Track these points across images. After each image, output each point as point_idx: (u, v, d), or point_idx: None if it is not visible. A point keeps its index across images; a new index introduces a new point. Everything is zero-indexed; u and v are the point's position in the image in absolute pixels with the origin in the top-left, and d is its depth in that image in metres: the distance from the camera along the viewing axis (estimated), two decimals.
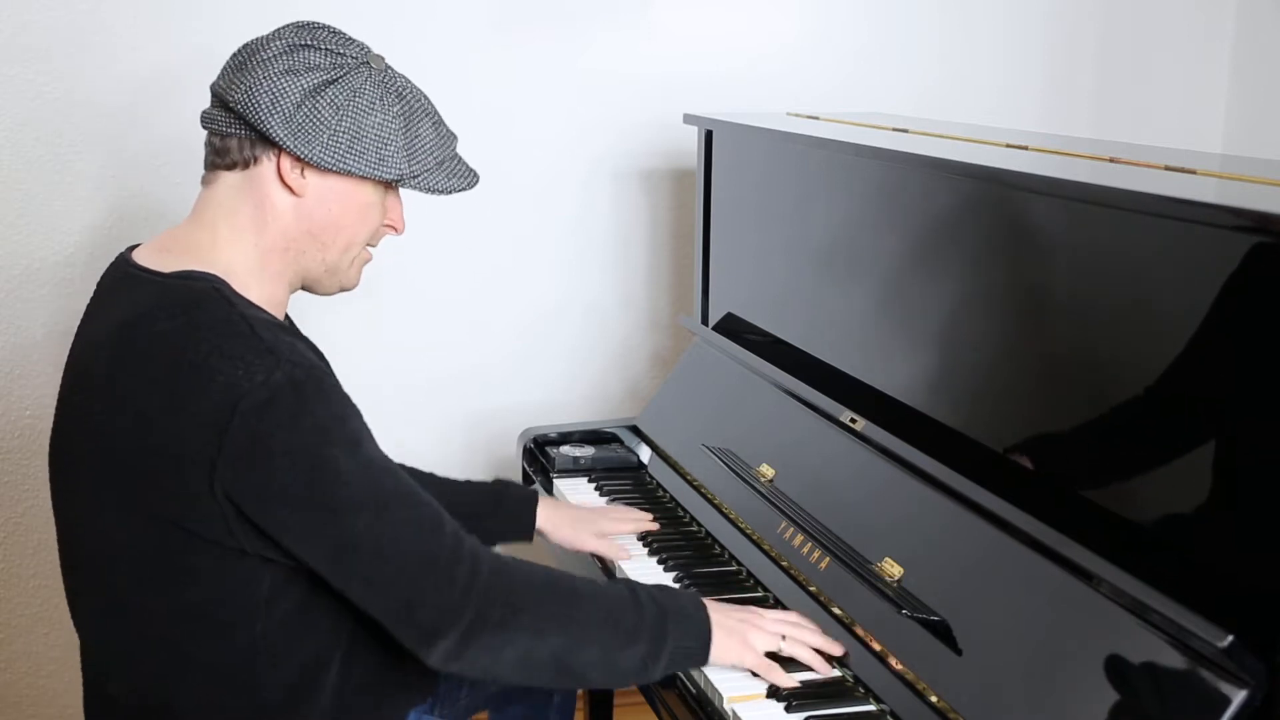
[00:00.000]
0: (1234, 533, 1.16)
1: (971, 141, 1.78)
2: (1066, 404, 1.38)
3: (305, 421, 1.24)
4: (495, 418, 2.57)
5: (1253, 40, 2.77)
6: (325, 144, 1.32)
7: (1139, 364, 1.27)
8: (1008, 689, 1.26)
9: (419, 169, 1.38)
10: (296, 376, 1.25)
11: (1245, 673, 1.08)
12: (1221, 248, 1.15)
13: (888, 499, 1.57)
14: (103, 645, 1.39)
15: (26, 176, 2.26)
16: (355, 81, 1.34)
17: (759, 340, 2.07)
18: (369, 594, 1.29)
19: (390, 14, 2.37)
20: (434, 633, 1.29)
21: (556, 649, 1.34)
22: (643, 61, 2.53)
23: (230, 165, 1.35)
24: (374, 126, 1.34)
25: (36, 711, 2.44)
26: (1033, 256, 1.44)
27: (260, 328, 1.28)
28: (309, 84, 1.31)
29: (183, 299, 1.29)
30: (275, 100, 1.30)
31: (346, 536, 1.26)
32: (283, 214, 1.36)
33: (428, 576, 1.29)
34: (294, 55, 1.32)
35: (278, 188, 1.35)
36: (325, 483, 1.25)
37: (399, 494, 1.30)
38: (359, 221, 1.40)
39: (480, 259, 2.53)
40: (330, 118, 1.32)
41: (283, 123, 1.30)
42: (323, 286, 1.44)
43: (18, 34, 2.21)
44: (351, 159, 1.33)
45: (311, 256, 1.39)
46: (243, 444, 1.22)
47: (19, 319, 2.30)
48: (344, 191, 1.37)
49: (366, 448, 1.30)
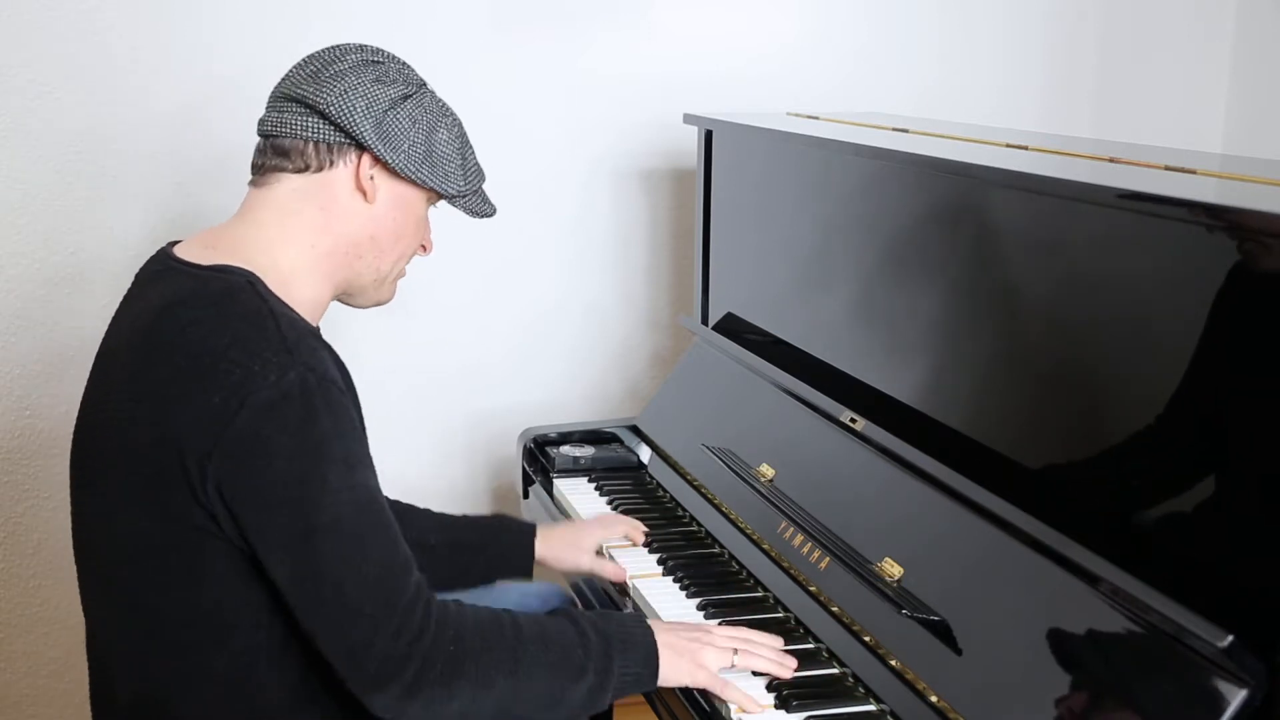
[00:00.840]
0: (1234, 533, 1.16)
1: (971, 141, 1.78)
2: (1066, 404, 1.38)
3: (307, 429, 1.24)
4: (495, 418, 2.57)
5: (1253, 40, 2.77)
6: (406, 152, 1.38)
7: (1139, 364, 1.28)
8: (1008, 689, 1.26)
9: (468, 190, 1.46)
10: (309, 382, 1.25)
11: (1245, 673, 1.08)
12: (1221, 248, 1.15)
13: (888, 499, 1.57)
14: (110, 642, 1.39)
15: (34, 187, 2.26)
16: (424, 99, 1.41)
17: (759, 340, 2.07)
18: (320, 626, 1.26)
19: (391, 15, 2.37)
20: (378, 680, 1.26)
21: (502, 695, 1.31)
22: (643, 61, 2.53)
23: (300, 169, 1.38)
24: (441, 143, 1.41)
25: (36, 711, 2.43)
26: (1032, 256, 1.44)
27: (286, 326, 1.28)
28: (394, 95, 1.38)
29: (216, 291, 1.30)
30: (370, 105, 1.35)
31: (314, 559, 1.25)
32: (350, 218, 1.40)
33: (383, 621, 1.26)
34: (375, 68, 1.38)
35: (349, 191, 1.39)
36: (309, 497, 1.24)
37: (376, 528, 1.28)
38: (414, 233, 1.46)
39: (480, 259, 2.53)
40: (409, 129, 1.38)
41: (374, 127, 1.35)
42: (365, 297, 1.49)
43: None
44: (426, 170, 1.40)
45: (367, 263, 1.43)
46: (242, 439, 1.23)
47: (19, 320, 2.30)
48: (407, 201, 1.43)
49: (360, 473, 1.28)
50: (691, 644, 1.42)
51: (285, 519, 1.24)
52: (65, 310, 2.30)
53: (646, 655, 1.39)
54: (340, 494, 1.25)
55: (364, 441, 1.32)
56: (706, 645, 1.42)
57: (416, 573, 1.31)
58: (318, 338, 1.34)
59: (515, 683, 1.32)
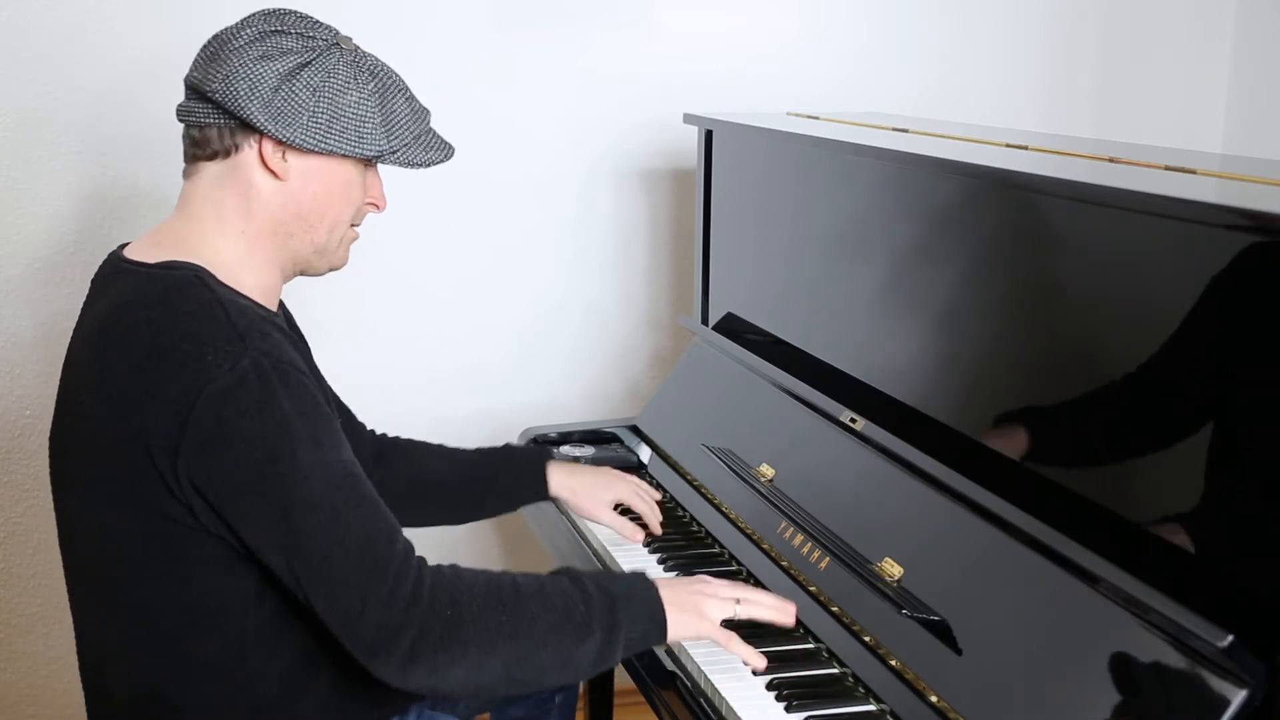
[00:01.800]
0: (1234, 533, 1.16)
1: (971, 141, 1.78)
2: (1066, 404, 1.38)
3: (269, 411, 1.24)
4: (495, 417, 2.57)
5: (1253, 40, 2.77)
6: (305, 126, 1.33)
7: (1139, 364, 1.28)
8: (1008, 689, 1.26)
9: (397, 144, 1.40)
10: (263, 365, 1.25)
11: (1245, 673, 1.08)
12: (1221, 248, 1.15)
13: (888, 499, 1.57)
14: (100, 638, 1.39)
15: (13, 171, 2.26)
16: (328, 63, 1.35)
17: (759, 340, 2.07)
18: (316, 599, 1.27)
19: (391, 15, 2.37)
20: (375, 648, 1.27)
21: (507, 658, 1.30)
22: (643, 61, 2.53)
23: (211, 155, 1.36)
24: (351, 105, 1.35)
25: (36, 711, 2.44)
26: (1033, 257, 1.44)
27: (236, 314, 1.28)
28: (284, 68, 1.32)
29: (164, 287, 1.30)
30: (253, 86, 1.31)
31: (296, 536, 1.25)
32: (268, 199, 1.37)
33: (372, 589, 1.26)
34: (266, 41, 1.33)
35: (260, 173, 1.36)
36: (281, 475, 1.24)
37: (354, 501, 1.28)
38: (343, 200, 1.41)
39: (480, 258, 2.53)
40: (308, 100, 1.33)
41: (262, 108, 1.31)
42: (314, 268, 1.46)
43: (14, 32, 2.20)
44: (331, 139, 1.35)
45: (300, 239, 1.40)
46: (205, 429, 1.23)
47: (15, 317, 2.30)
48: (326, 171, 1.38)
49: (329, 449, 1.28)
50: (694, 596, 1.42)
51: (261, 499, 1.25)
52: (65, 311, 2.30)
53: (652, 611, 1.38)
54: (313, 469, 1.25)
55: (331, 419, 1.31)
56: (709, 597, 1.42)
57: (403, 540, 1.31)
58: (271, 323, 1.33)
59: (519, 644, 1.30)
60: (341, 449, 1.31)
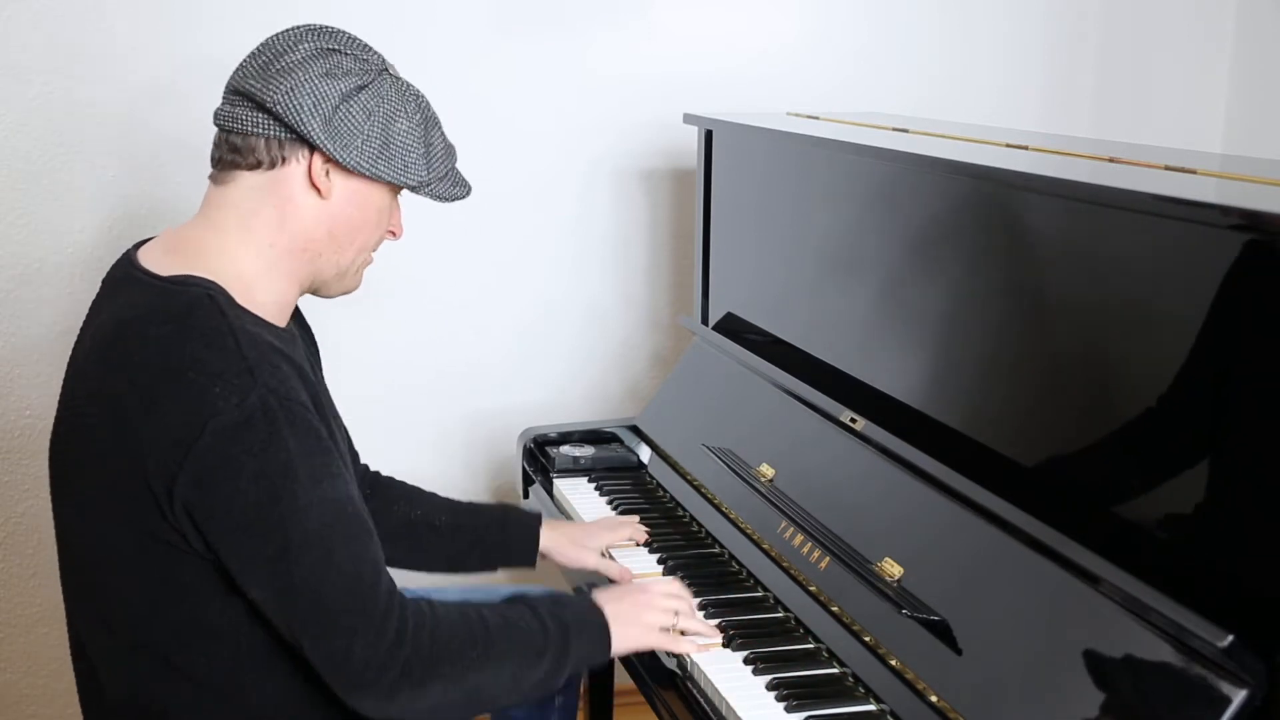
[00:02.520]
0: (1234, 533, 1.15)
1: (971, 141, 1.78)
2: (1066, 404, 1.38)
3: (273, 451, 1.23)
4: (495, 418, 2.57)
5: (1253, 40, 2.77)
6: (360, 148, 1.33)
7: (1138, 364, 1.28)
8: (1008, 689, 1.26)
9: (433, 177, 1.40)
10: (270, 404, 1.24)
11: (1245, 673, 1.08)
12: (1221, 247, 1.15)
13: (888, 499, 1.57)
14: (92, 647, 1.38)
15: (27, 177, 2.26)
16: (382, 88, 1.35)
17: (759, 340, 2.07)
18: (303, 636, 1.28)
19: (391, 15, 2.37)
20: (358, 686, 1.29)
21: (471, 688, 1.35)
22: (643, 61, 2.53)
23: (254, 165, 1.34)
24: (400, 133, 1.36)
25: (36, 711, 2.44)
26: (1032, 256, 1.44)
27: (247, 344, 1.26)
28: (345, 88, 1.32)
29: (176, 305, 1.28)
30: (318, 102, 1.31)
31: (289, 576, 1.25)
32: (305, 215, 1.36)
33: (360, 630, 1.28)
34: (328, 59, 1.33)
35: (303, 189, 1.35)
36: (280, 516, 1.24)
37: (348, 539, 1.28)
38: (374, 225, 1.42)
39: (481, 259, 2.53)
40: (363, 123, 1.33)
41: (323, 125, 1.31)
42: (330, 289, 1.46)
43: (19, 36, 2.21)
44: (381, 164, 1.35)
45: (327, 259, 1.40)
46: (207, 463, 1.22)
47: (19, 319, 2.30)
48: (365, 195, 1.39)
49: (327, 485, 1.28)
50: (636, 609, 1.49)
51: (258, 539, 1.24)
52: (67, 312, 2.30)
53: (600, 636, 1.45)
54: (310, 509, 1.25)
55: (331, 452, 1.30)
56: (648, 608, 1.50)
57: (386, 576, 1.32)
58: (281, 353, 1.31)
59: (485, 675, 1.36)
60: (339, 483, 1.30)
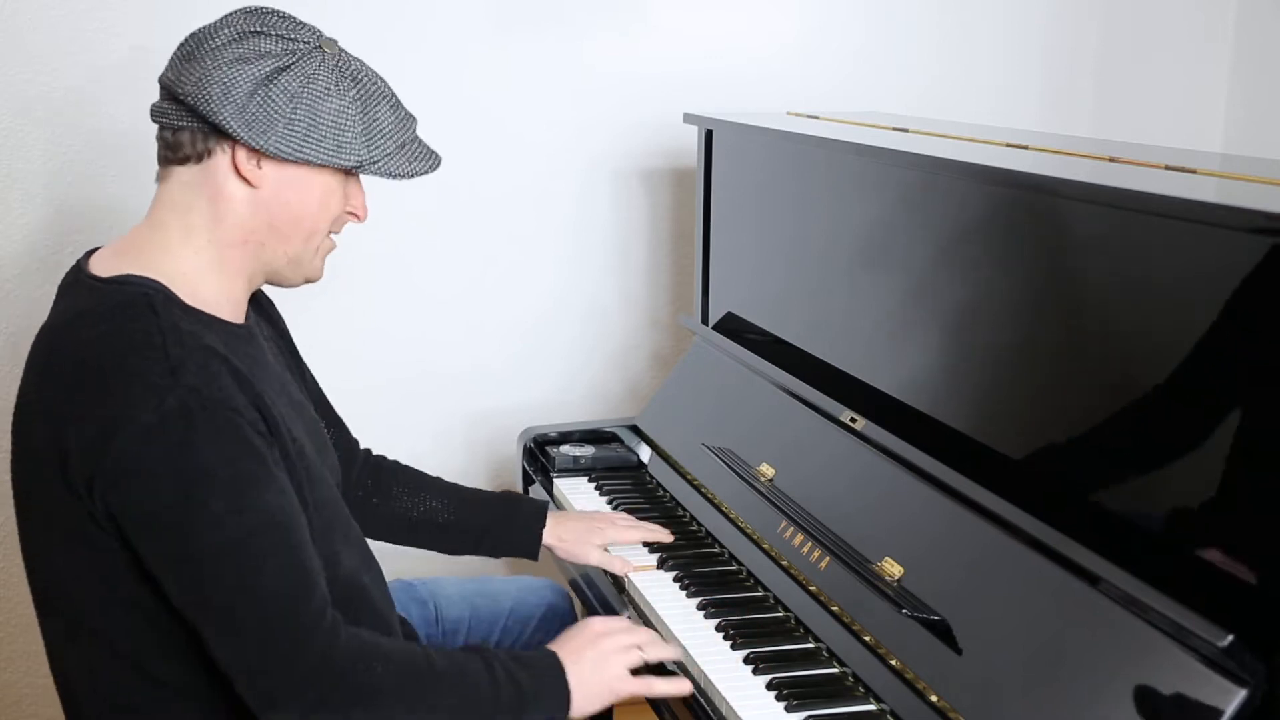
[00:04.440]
0: (1234, 533, 1.16)
1: (971, 141, 1.78)
2: (1066, 403, 1.38)
3: (187, 454, 1.19)
4: (495, 417, 2.57)
5: (1253, 40, 2.77)
6: (281, 133, 1.27)
7: (1139, 363, 1.28)
8: (1008, 689, 1.26)
9: (378, 154, 1.33)
10: (189, 405, 1.19)
11: (1245, 672, 1.08)
12: (1221, 247, 1.15)
13: (888, 499, 1.57)
14: (65, 659, 1.36)
15: None
16: (309, 67, 1.29)
17: (759, 339, 2.07)
18: (217, 648, 1.24)
19: (391, 15, 2.37)
20: (270, 704, 1.24)
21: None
22: (643, 61, 2.53)
23: (183, 160, 1.30)
24: (330, 113, 1.30)
25: (36, 711, 2.43)
26: (1032, 256, 1.44)
27: (173, 343, 1.22)
28: (261, 72, 1.26)
29: (110, 306, 1.26)
30: (227, 90, 1.25)
31: (200, 585, 1.22)
32: (239, 207, 1.31)
33: (276, 645, 1.23)
34: (244, 43, 1.27)
35: (233, 180, 1.30)
36: (191, 522, 1.20)
37: (271, 551, 1.23)
38: (319, 211, 1.35)
39: (480, 259, 2.53)
40: (285, 106, 1.27)
41: (236, 113, 1.25)
42: (286, 279, 1.40)
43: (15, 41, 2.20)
44: (308, 147, 1.29)
45: (272, 249, 1.35)
46: (121, 465, 1.19)
47: (14, 315, 2.30)
48: (302, 181, 1.32)
49: (253, 494, 1.22)
50: (597, 662, 1.42)
51: (168, 544, 1.21)
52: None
53: (559, 701, 1.38)
54: (226, 518, 1.20)
55: (262, 459, 1.24)
56: (609, 655, 1.43)
57: (321, 596, 1.27)
58: (214, 352, 1.25)
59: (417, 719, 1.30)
60: (267, 491, 1.24)
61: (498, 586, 1.85)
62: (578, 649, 1.43)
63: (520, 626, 1.81)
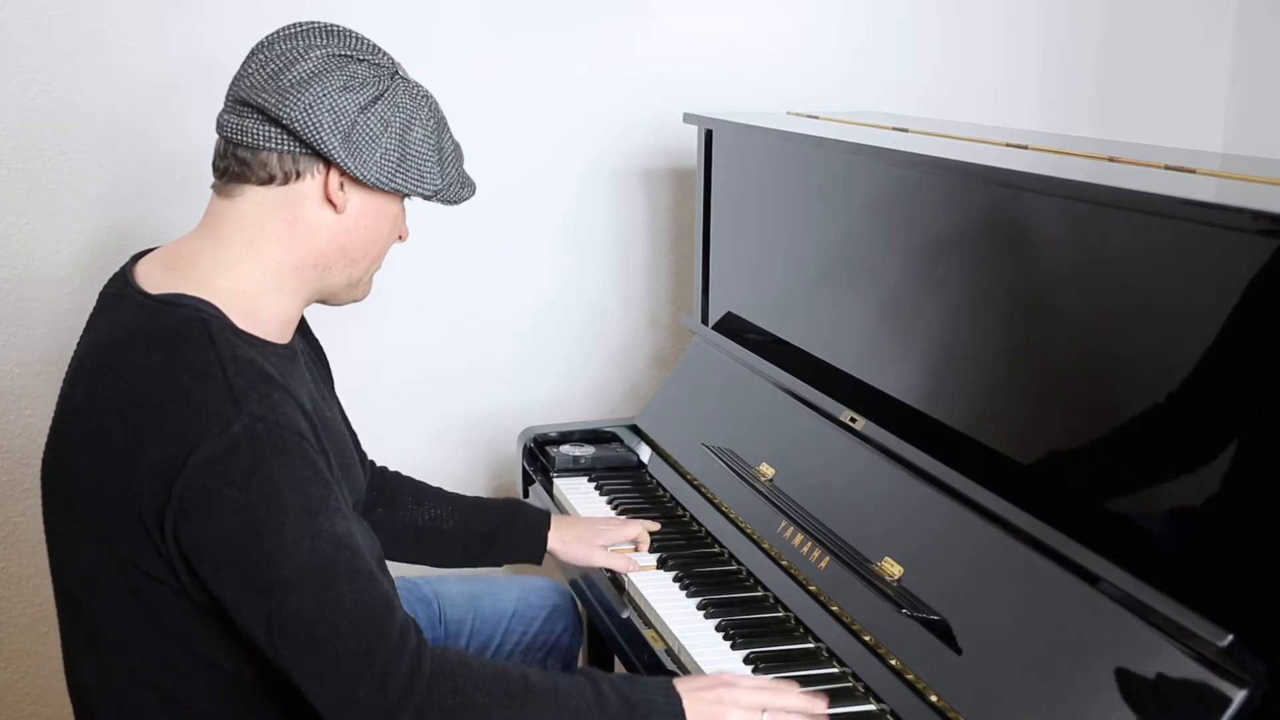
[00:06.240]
0: (1234, 533, 1.16)
1: (971, 141, 1.78)
2: (1066, 404, 1.38)
3: (256, 481, 1.18)
4: (495, 417, 2.57)
5: (1253, 40, 2.77)
6: (379, 162, 1.29)
7: (1139, 364, 1.28)
8: (1008, 689, 1.26)
9: (446, 183, 1.36)
10: (256, 431, 1.18)
11: (1245, 672, 1.08)
12: (1221, 247, 1.15)
13: (888, 499, 1.57)
14: (85, 672, 1.34)
15: (24, 180, 2.26)
16: (395, 95, 1.31)
17: (759, 339, 2.07)
18: (304, 681, 1.20)
19: (391, 15, 2.37)
20: None
21: None
22: (642, 61, 2.53)
23: (264, 180, 1.29)
24: (415, 143, 1.32)
25: (36, 711, 2.43)
26: (1032, 256, 1.44)
27: (233, 372, 1.21)
28: (362, 100, 1.28)
29: (163, 331, 1.24)
30: (338, 119, 1.26)
31: (281, 615, 1.18)
32: (319, 230, 1.32)
33: (365, 674, 1.19)
34: (344, 69, 1.28)
35: (318, 205, 1.31)
36: (266, 551, 1.18)
37: (347, 576, 1.20)
38: (388, 235, 1.39)
39: (480, 259, 2.53)
40: (380, 135, 1.29)
41: (342, 141, 1.26)
42: (339, 300, 1.41)
43: (14, 42, 2.20)
44: (400, 177, 1.31)
45: (338, 272, 1.36)
46: (191, 496, 1.17)
47: (20, 320, 2.30)
48: (380, 207, 1.35)
49: (323, 519, 1.21)
50: (716, 706, 1.30)
51: (245, 575, 1.18)
52: (66, 310, 2.30)
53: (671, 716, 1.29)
54: (300, 544, 1.18)
55: (328, 484, 1.24)
56: (731, 706, 1.31)
57: (401, 616, 1.24)
58: (273, 380, 1.24)
59: None
60: (336, 517, 1.22)
61: (501, 587, 1.85)
62: (699, 686, 1.33)
63: (524, 626, 1.81)
